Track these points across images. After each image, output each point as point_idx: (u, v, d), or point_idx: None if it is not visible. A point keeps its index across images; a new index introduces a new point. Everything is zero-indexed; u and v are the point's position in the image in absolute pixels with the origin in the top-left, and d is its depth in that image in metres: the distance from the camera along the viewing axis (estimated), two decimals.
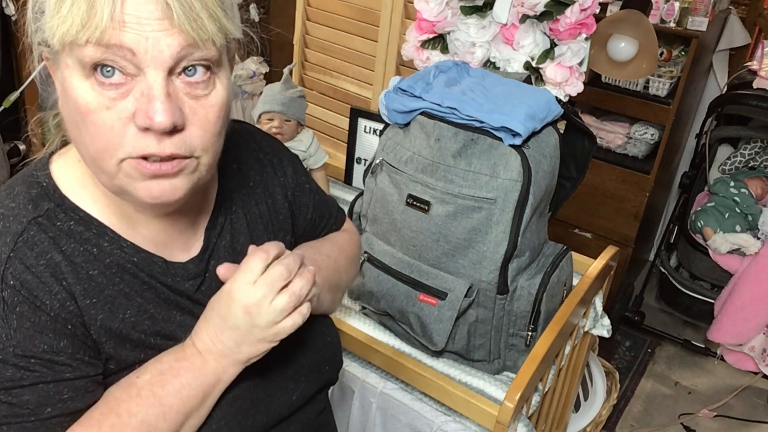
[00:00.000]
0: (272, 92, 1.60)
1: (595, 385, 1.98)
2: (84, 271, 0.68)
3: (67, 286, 0.66)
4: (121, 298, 0.69)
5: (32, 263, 0.65)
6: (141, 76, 0.61)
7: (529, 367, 1.10)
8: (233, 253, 0.79)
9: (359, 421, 1.29)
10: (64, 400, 0.66)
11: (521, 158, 1.07)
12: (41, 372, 0.64)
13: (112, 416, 0.67)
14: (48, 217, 0.68)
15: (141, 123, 0.61)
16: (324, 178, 1.72)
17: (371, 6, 1.80)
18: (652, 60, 1.87)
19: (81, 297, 0.67)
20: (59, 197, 0.69)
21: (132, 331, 0.70)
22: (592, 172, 2.34)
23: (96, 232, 0.69)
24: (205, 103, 0.65)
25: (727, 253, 2.40)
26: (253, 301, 0.68)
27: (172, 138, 0.63)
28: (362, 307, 1.32)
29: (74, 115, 0.63)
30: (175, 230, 0.74)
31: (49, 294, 0.65)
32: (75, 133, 0.65)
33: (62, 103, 0.66)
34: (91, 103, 0.61)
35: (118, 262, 0.70)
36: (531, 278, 1.15)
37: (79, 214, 0.69)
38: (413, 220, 1.14)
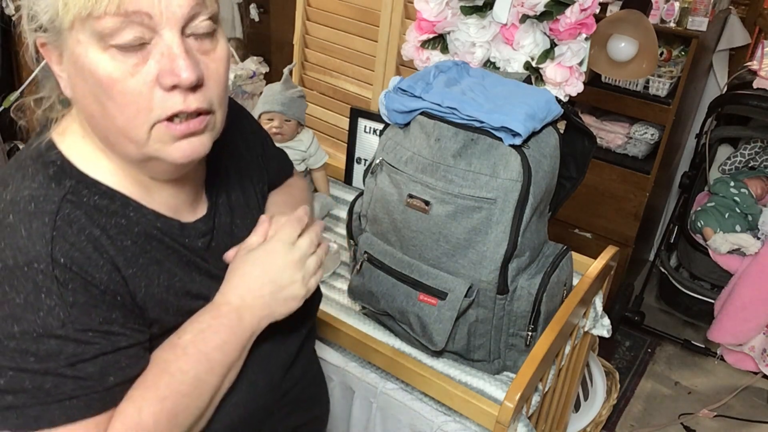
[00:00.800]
0: (272, 92, 1.60)
1: (595, 385, 1.98)
2: (119, 242, 0.71)
3: (109, 258, 0.69)
4: (153, 264, 0.73)
5: (75, 240, 0.67)
6: (156, 38, 0.64)
7: (529, 367, 1.10)
8: (230, 209, 0.85)
9: (359, 421, 1.29)
10: (123, 368, 0.69)
11: (521, 158, 1.07)
12: (101, 344, 0.67)
13: (166, 376, 0.71)
14: (74, 194, 0.70)
15: (168, 82, 0.64)
16: (324, 178, 1.72)
17: (371, 6, 1.80)
18: (652, 60, 1.87)
19: (124, 267, 0.70)
20: (78, 174, 0.71)
21: (167, 294, 0.75)
22: (592, 172, 2.34)
23: (121, 204, 0.72)
24: (214, 57, 0.69)
25: (727, 253, 2.40)
26: (296, 259, 0.77)
27: (195, 94, 0.67)
28: (362, 307, 1.32)
29: (96, 90, 0.65)
30: (184, 194, 0.79)
31: (97, 267, 0.68)
32: (96, 109, 0.67)
33: (76, 82, 0.67)
34: (114, 72, 0.63)
35: (145, 230, 0.74)
36: (531, 278, 1.15)
37: (100, 188, 0.72)
38: (413, 220, 1.14)
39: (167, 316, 0.75)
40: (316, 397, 1.00)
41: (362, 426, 1.29)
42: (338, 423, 1.33)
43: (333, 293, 1.41)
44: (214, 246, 0.82)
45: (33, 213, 0.67)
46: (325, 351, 1.29)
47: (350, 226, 1.32)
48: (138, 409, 0.69)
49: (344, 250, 1.52)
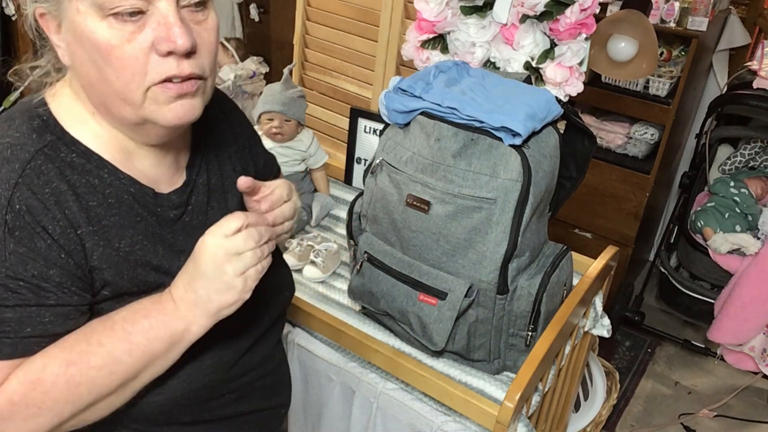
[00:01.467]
0: (272, 92, 1.60)
1: (595, 385, 1.98)
2: (85, 201, 0.73)
3: (70, 214, 0.71)
4: (116, 228, 0.76)
5: (39, 190, 0.70)
6: (152, 8, 0.68)
7: (529, 367, 1.10)
8: (208, 190, 0.88)
9: (359, 421, 1.29)
10: (44, 324, 0.72)
11: (521, 158, 1.07)
12: (26, 296, 0.70)
13: (83, 343, 0.73)
14: (52, 148, 0.73)
15: (164, 48, 0.69)
16: (324, 178, 1.72)
17: (371, 6, 1.80)
18: (652, 60, 1.87)
19: (84, 225, 0.72)
20: (60, 131, 0.75)
21: (125, 260, 0.76)
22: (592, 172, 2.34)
23: (96, 165, 0.75)
24: (206, 26, 0.73)
25: (727, 253, 2.40)
26: (223, 252, 0.74)
27: (188, 60, 0.71)
28: (362, 307, 1.32)
29: (95, 56, 0.69)
30: (164, 165, 0.82)
31: (53, 220, 0.70)
32: (94, 75, 0.71)
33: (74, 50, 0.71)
34: (112, 39, 0.68)
35: (117, 193, 0.76)
36: (531, 278, 1.15)
37: (79, 147, 0.75)
38: (413, 220, 1.14)
39: (121, 280, 0.76)
40: (275, 388, 1.01)
41: (362, 426, 1.29)
42: (338, 423, 1.33)
43: (333, 293, 1.41)
44: (186, 221, 0.84)
45: (7, 159, 0.70)
46: (325, 351, 1.30)
47: (350, 226, 1.32)
48: (44, 365, 0.71)
49: (344, 250, 1.52)
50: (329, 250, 1.47)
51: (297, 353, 1.33)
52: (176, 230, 0.83)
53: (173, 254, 0.81)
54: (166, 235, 0.81)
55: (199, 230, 0.79)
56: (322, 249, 1.46)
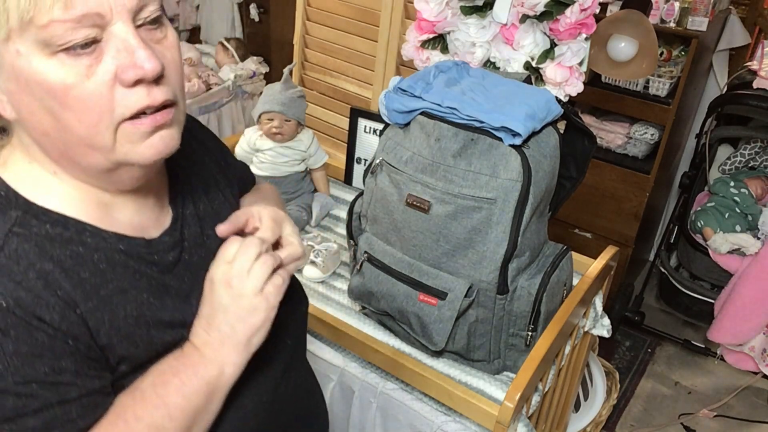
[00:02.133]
0: (272, 92, 1.60)
1: (595, 385, 1.98)
2: (76, 274, 0.64)
3: (64, 294, 0.62)
4: (117, 294, 0.67)
5: (22, 278, 0.60)
6: (107, 34, 0.59)
7: (529, 367, 1.10)
8: (198, 219, 0.79)
9: (359, 421, 1.29)
10: (73, 420, 0.63)
11: (521, 158, 1.07)
12: (45, 396, 0.61)
13: (120, 423, 0.65)
14: (21, 225, 0.63)
15: (131, 76, 0.59)
16: (324, 178, 1.72)
17: (371, 6, 1.80)
18: (652, 60, 1.87)
19: (82, 302, 0.64)
20: (24, 203, 0.64)
21: (136, 327, 0.68)
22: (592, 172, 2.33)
23: (75, 230, 0.66)
24: (167, 45, 0.64)
25: (727, 253, 2.40)
26: (233, 274, 0.68)
27: (159, 86, 0.62)
28: (362, 307, 1.32)
29: (47, 101, 0.59)
30: (147, 208, 0.74)
31: (47, 308, 0.61)
32: (49, 122, 0.61)
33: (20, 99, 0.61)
34: (68, 79, 0.58)
35: (106, 256, 0.67)
36: (531, 278, 1.15)
37: (51, 216, 0.65)
38: (413, 220, 1.14)
39: (137, 350, 0.68)
40: (314, 412, 0.94)
41: (362, 426, 1.29)
42: (338, 423, 1.33)
43: (333, 293, 1.41)
44: (186, 259, 0.75)
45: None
46: (325, 351, 1.30)
47: (350, 226, 1.32)
48: None
49: (344, 250, 1.52)
50: (329, 250, 1.47)
51: None
52: (178, 273, 0.74)
53: (182, 301, 0.73)
54: (170, 283, 0.72)
55: (202, 265, 0.74)
56: (322, 249, 1.46)
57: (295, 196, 1.65)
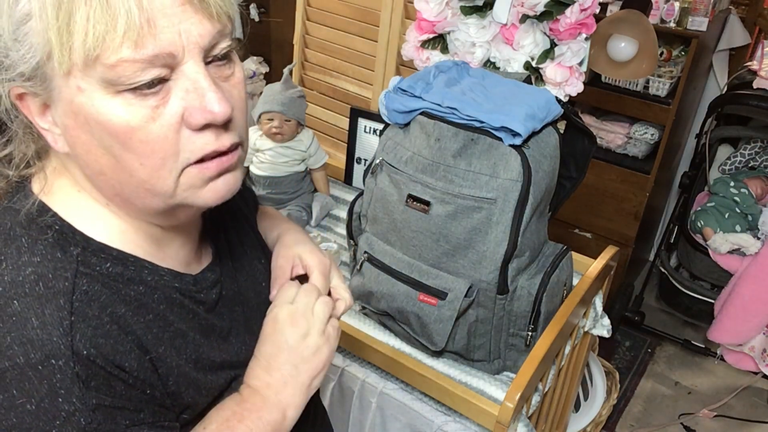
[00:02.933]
0: (272, 92, 1.60)
1: (595, 385, 1.98)
2: (143, 317, 0.60)
3: (136, 339, 0.58)
4: (179, 338, 0.63)
5: (98, 323, 0.56)
6: (177, 73, 0.55)
7: (529, 367, 1.10)
8: (229, 251, 0.76)
9: (359, 421, 1.29)
10: None
11: (521, 158, 1.07)
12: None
13: None
14: (86, 264, 0.58)
15: (200, 120, 0.55)
16: (324, 178, 1.72)
17: (371, 6, 1.80)
18: (652, 60, 1.87)
19: (152, 348, 0.60)
20: (83, 238, 0.59)
21: (196, 371, 0.64)
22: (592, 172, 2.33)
23: (135, 269, 0.61)
24: (234, 82, 0.60)
25: (727, 253, 2.40)
26: (299, 314, 0.69)
27: (227, 130, 0.58)
28: (362, 307, 1.32)
29: (108, 142, 0.55)
30: (191, 242, 0.70)
31: (124, 354, 0.57)
32: (106, 162, 0.56)
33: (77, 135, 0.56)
34: (132, 120, 0.54)
35: (165, 294, 0.63)
36: (531, 278, 1.15)
37: (111, 252, 0.60)
38: (413, 220, 1.14)
39: (200, 397, 0.65)
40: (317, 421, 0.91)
41: (362, 426, 1.29)
42: (338, 423, 1.33)
43: None
44: (224, 295, 0.71)
45: (43, 296, 0.55)
46: None
47: (350, 226, 1.32)
48: None
49: (344, 250, 1.52)
50: (329, 250, 1.47)
51: None
52: (219, 311, 0.70)
53: (223, 341, 0.69)
54: (215, 322, 0.69)
55: (235, 301, 0.72)
56: (322, 249, 1.46)
57: (295, 196, 1.65)
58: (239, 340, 0.71)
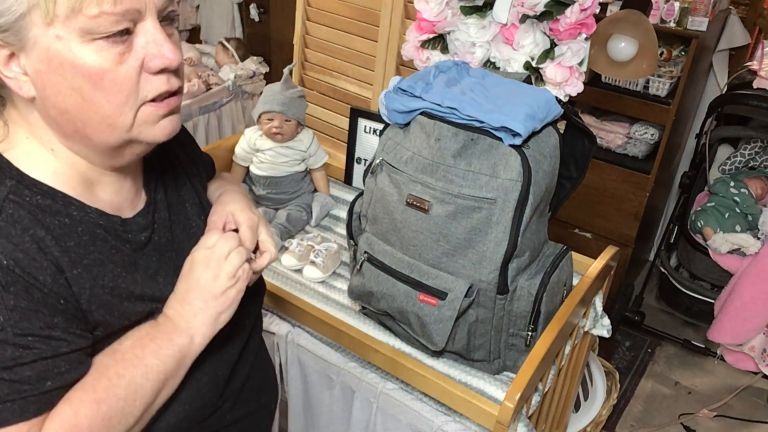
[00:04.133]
0: (272, 92, 1.60)
1: (595, 385, 1.98)
2: (63, 242, 0.70)
3: (54, 259, 0.68)
4: (97, 265, 0.73)
5: (19, 241, 0.66)
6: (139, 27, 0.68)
7: (529, 367, 1.10)
8: (167, 205, 0.87)
9: (359, 421, 1.29)
10: (61, 373, 0.69)
11: (521, 158, 1.07)
12: (40, 348, 0.67)
13: (104, 380, 0.72)
14: (16, 193, 0.69)
15: (158, 65, 0.69)
16: (324, 178, 1.72)
17: (371, 6, 1.80)
18: (652, 60, 1.87)
19: (68, 269, 0.70)
20: (17, 174, 0.70)
21: (112, 296, 0.74)
22: (592, 172, 2.33)
23: (63, 203, 0.72)
24: (175, 39, 0.73)
25: (727, 253, 2.40)
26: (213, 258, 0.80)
27: (176, 75, 0.72)
28: (362, 307, 1.32)
29: (78, 83, 0.66)
30: (125, 190, 0.81)
31: (41, 269, 0.67)
32: (73, 102, 0.68)
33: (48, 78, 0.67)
34: (104, 63, 0.66)
35: (89, 229, 0.74)
36: (531, 278, 1.15)
37: (42, 188, 0.71)
38: (413, 220, 1.14)
39: (112, 318, 0.75)
40: (262, 386, 1.02)
41: (362, 426, 1.29)
42: (338, 423, 1.34)
43: (333, 293, 1.41)
44: (155, 240, 0.82)
45: None
46: (325, 351, 1.30)
47: (350, 226, 1.32)
48: (75, 411, 0.70)
49: (344, 250, 1.52)
50: (329, 250, 1.47)
51: (297, 353, 1.34)
52: (148, 253, 0.81)
53: (150, 278, 0.80)
54: (140, 261, 0.79)
55: (168, 247, 0.84)
56: (322, 249, 1.46)
57: (295, 196, 1.65)
58: (167, 281, 0.81)
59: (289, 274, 1.47)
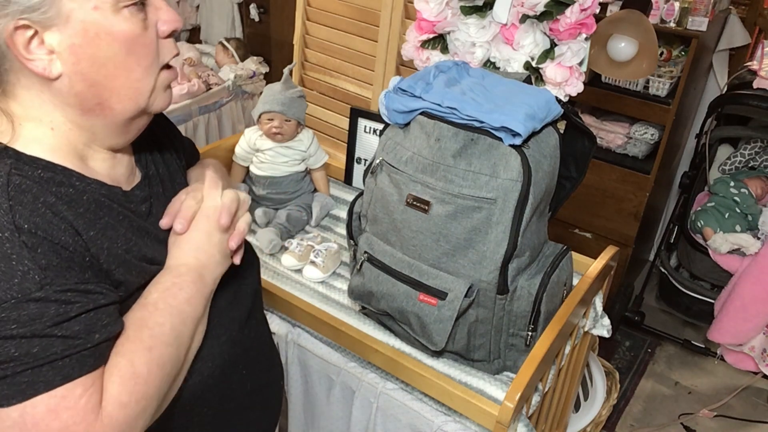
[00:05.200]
0: (272, 92, 1.60)
1: (595, 385, 1.98)
2: (75, 209, 0.72)
3: (69, 222, 0.70)
4: (109, 229, 0.76)
5: (33, 207, 0.68)
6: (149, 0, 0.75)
7: (529, 367, 1.10)
8: (160, 181, 0.90)
9: (359, 421, 1.29)
10: (105, 325, 0.71)
11: (521, 158, 1.07)
12: (81, 302, 0.68)
13: (146, 330, 0.74)
14: (17, 168, 0.70)
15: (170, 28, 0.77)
16: (324, 178, 1.72)
17: (371, 6, 1.80)
18: (652, 60, 1.87)
19: (84, 231, 0.72)
20: (14, 153, 0.72)
21: (128, 256, 0.77)
22: (592, 172, 2.34)
23: (64, 175, 0.74)
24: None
25: (727, 253, 2.40)
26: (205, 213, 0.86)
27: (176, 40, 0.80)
28: (362, 307, 1.32)
29: (113, 51, 0.72)
30: (121, 165, 0.84)
31: (60, 231, 0.69)
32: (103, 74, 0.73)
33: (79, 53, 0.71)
34: (134, 29, 0.73)
35: (94, 197, 0.76)
36: (531, 278, 1.15)
37: (40, 163, 0.73)
38: (413, 220, 1.14)
39: (131, 277, 0.77)
40: (271, 360, 1.05)
41: (362, 426, 1.29)
42: (338, 423, 1.34)
43: (333, 293, 1.41)
44: (155, 212, 0.86)
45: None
46: (325, 351, 1.30)
47: (350, 226, 1.32)
48: (130, 361, 0.72)
49: (344, 250, 1.52)
50: (329, 250, 1.47)
51: (297, 353, 1.34)
52: (152, 222, 0.85)
53: (159, 244, 0.84)
54: (149, 227, 0.83)
55: None
56: (322, 249, 1.46)
57: (295, 196, 1.65)
58: None
59: (289, 274, 1.47)
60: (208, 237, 0.85)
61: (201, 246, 0.84)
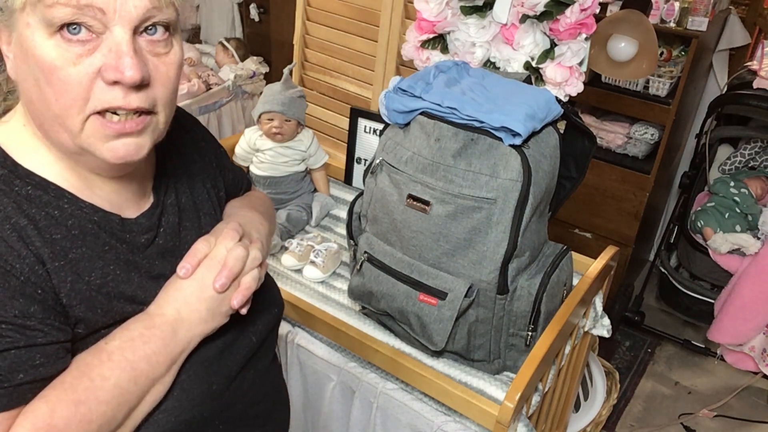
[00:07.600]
0: (272, 92, 1.60)
1: (595, 385, 1.98)
2: (48, 234, 0.68)
3: (35, 250, 0.67)
4: (85, 261, 0.71)
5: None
6: (107, 33, 0.64)
7: (529, 367, 1.10)
8: (178, 210, 0.84)
9: (359, 421, 1.29)
10: (35, 366, 0.66)
11: (521, 158, 1.07)
12: (13, 337, 0.64)
13: (85, 380, 0.68)
14: (4, 182, 0.68)
15: (111, 77, 0.64)
16: (324, 178, 1.72)
17: (371, 6, 1.80)
18: (652, 60, 1.87)
19: (49, 260, 0.67)
20: (11, 164, 0.69)
21: (97, 293, 0.71)
22: (592, 172, 2.33)
23: (54, 195, 0.70)
24: (165, 60, 0.69)
25: (727, 253, 2.40)
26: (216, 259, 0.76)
27: (138, 93, 0.66)
28: (362, 307, 1.32)
29: (37, 74, 0.65)
30: (128, 191, 0.78)
31: (18, 258, 0.65)
32: (35, 93, 0.66)
33: (19, 64, 0.67)
34: (57, 59, 0.64)
35: (80, 224, 0.71)
36: (531, 278, 1.15)
37: (34, 179, 0.70)
38: (413, 220, 1.14)
39: (95, 315, 0.71)
40: (269, 416, 0.94)
41: (362, 426, 1.29)
42: (338, 423, 1.34)
43: (333, 293, 1.41)
44: (160, 243, 0.80)
45: None
46: (325, 351, 1.30)
47: (350, 226, 1.32)
48: (51, 410, 0.66)
49: (344, 250, 1.52)
50: (329, 250, 1.47)
51: (297, 353, 1.34)
52: (150, 255, 0.78)
53: (150, 281, 0.77)
54: (140, 262, 0.76)
55: (174, 252, 0.80)
56: (322, 249, 1.46)
57: (295, 196, 1.65)
58: None
59: (289, 274, 1.47)
60: (200, 291, 0.76)
61: (188, 298, 0.75)
